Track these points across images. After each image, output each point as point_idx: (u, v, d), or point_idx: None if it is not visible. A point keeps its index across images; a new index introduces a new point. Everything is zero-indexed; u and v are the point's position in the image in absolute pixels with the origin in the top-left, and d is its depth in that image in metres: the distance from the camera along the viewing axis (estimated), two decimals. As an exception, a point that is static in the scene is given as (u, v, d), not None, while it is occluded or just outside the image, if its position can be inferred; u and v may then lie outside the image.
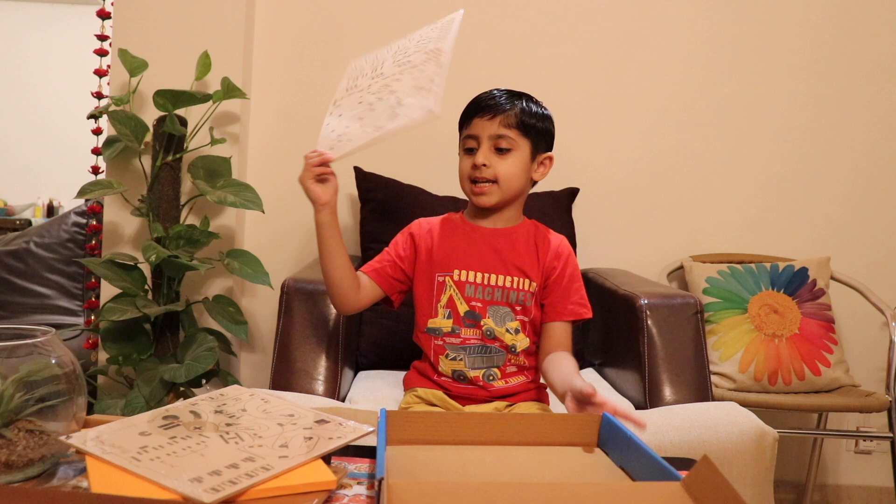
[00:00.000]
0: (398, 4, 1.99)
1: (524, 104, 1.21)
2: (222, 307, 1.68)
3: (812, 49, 2.05)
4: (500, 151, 1.19)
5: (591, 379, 1.60)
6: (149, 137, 1.67)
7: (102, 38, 1.83)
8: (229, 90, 1.65)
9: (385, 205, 1.79)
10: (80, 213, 1.97)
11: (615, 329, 1.60)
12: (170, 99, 1.59)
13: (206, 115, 1.70)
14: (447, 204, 1.74)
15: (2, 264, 1.93)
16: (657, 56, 2.04)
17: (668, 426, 1.17)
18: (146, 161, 1.71)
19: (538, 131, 1.22)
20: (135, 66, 1.65)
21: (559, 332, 1.23)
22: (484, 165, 1.18)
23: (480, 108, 1.21)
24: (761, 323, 1.80)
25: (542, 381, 1.27)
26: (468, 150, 1.22)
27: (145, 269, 1.65)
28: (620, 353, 1.55)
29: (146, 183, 1.67)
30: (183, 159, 1.70)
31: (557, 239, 1.28)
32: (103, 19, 1.81)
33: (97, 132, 1.79)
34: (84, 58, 2.45)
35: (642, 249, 2.05)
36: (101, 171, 1.80)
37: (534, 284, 1.22)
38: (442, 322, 1.22)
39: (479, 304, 1.21)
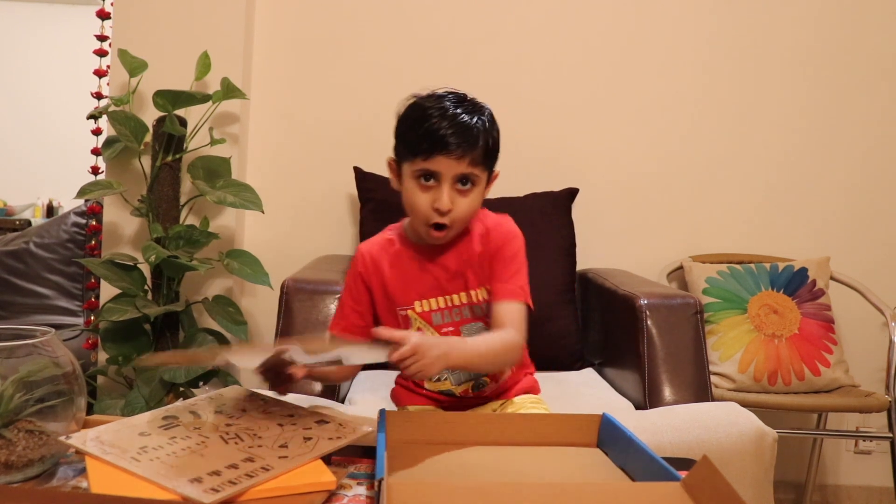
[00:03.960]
0: (398, 5, 1.99)
1: (485, 127, 1.07)
2: (222, 307, 1.68)
3: (812, 49, 2.05)
4: (462, 185, 1.07)
5: (590, 378, 1.60)
6: (148, 138, 1.67)
7: (102, 38, 1.83)
8: (229, 90, 1.65)
9: (385, 205, 1.79)
10: (80, 214, 1.97)
11: (615, 329, 1.60)
12: (169, 99, 1.59)
13: (205, 116, 1.70)
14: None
15: (2, 264, 1.93)
16: (657, 57, 2.04)
17: (667, 426, 1.17)
18: (146, 161, 1.70)
19: (495, 155, 1.11)
20: (135, 66, 1.65)
21: (503, 311, 1.10)
22: (449, 211, 1.06)
23: (444, 144, 1.03)
24: (761, 323, 1.80)
25: (532, 372, 1.24)
26: (424, 180, 1.07)
27: (145, 269, 1.65)
28: (620, 353, 1.55)
29: (146, 183, 1.67)
30: (183, 159, 1.70)
31: (495, 220, 1.16)
32: (103, 19, 1.81)
33: (97, 132, 1.79)
34: (84, 58, 2.44)
35: (642, 249, 2.05)
36: (100, 171, 1.80)
37: None
38: None
39: (451, 329, 1.13)
